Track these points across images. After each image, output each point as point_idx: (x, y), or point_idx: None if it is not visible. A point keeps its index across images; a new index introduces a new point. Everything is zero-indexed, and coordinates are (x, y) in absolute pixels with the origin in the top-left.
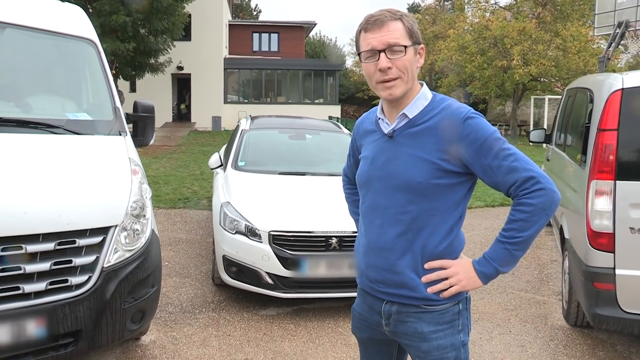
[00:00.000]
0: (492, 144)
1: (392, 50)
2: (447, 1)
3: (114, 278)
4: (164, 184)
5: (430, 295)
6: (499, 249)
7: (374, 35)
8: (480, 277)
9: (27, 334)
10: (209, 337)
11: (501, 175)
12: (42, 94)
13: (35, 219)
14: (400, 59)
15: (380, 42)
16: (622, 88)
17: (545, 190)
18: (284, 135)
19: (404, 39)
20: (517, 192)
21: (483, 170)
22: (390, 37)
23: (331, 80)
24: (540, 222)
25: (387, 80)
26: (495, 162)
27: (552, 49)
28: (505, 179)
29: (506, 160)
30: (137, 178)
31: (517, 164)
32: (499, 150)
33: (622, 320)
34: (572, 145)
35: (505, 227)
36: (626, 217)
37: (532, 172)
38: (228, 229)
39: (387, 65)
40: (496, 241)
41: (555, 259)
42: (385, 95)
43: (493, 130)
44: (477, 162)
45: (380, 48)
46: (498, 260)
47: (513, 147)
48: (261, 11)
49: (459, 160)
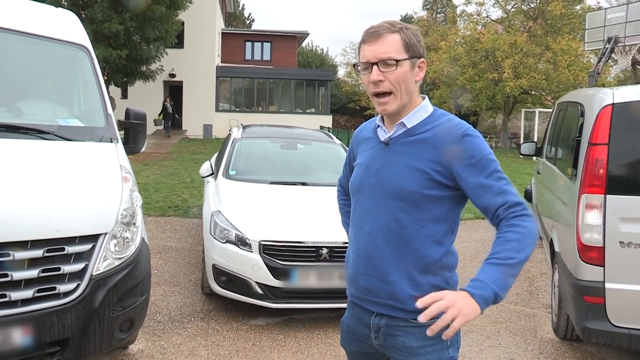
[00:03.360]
0: (487, 164)
1: (385, 64)
2: (439, 13)
3: (103, 286)
4: (154, 192)
5: (419, 309)
6: (495, 271)
7: (369, 48)
8: (479, 303)
9: (12, 342)
10: (198, 346)
11: (491, 195)
12: (33, 99)
13: (24, 225)
14: (392, 73)
15: (373, 55)
16: (613, 103)
17: (532, 218)
18: (276, 144)
19: (398, 53)
20: (507, 214)
21: (473, 188)
22: (384, 50)
23: (323, 90)
24: (530, 247)
25: (379, 93)
26: (488, 182)
27: (543, 63)
28: (494, 200)
29: (499, 182)
30: (128, 185)
31: (508, 188)
32: (493, 170)
33: (612, 334)
34: (563, 158)
35: (498, 249)
36: (616, 231)
37: (521, 199)
38: (218, 238)
39: (378, 78)
40: (488, 264)
41: (545, 271)
42: (379, 110)
43: (490, 152)
44: (468, 178)
45: (373, 61)
46: (495, 283)
47: (503, 172)
48: (254, 20)
49: (451, 173)
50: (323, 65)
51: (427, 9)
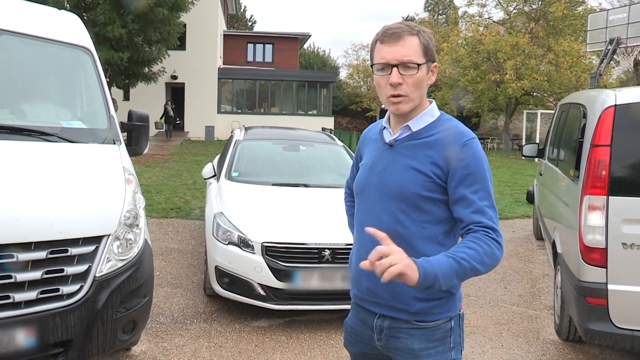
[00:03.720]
0: (478, 180)
1: (405, 67)
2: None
3: (106, 288)
4: (156, 193)
5: (422, 309)
6: (445, 262)
7: (389, 49)
8: (419, 272)
9: (16, 344)
10: (200, 348)
11: (470, 210)
12: (36, 101)
13: (28, 227)
14: (412, 76)
15: (394, 57)
16: (615, 104)
17: (500, 247)
18: (278, 146)
19: (418, 57)
20: (478, 229)
21: (456, 198)
22: (405, 53)
23: (325, 91)
24: (486, 266)
25: (395, 95)
26: (472, 197)
27: (545, 64)
28: (470, 216)
29: (481, 202)
30: (131, 187)
31: (488, 211)
32: (481, 188)
33: (614, 336)
34: (565, 160)
35: (457, 249)
36: (619, 233)
37: (497, 226)
38: (221, 240)
39: (398, 81)
40: (443, 255)
41: (547, 273)
42: (393, 109)
43: (485, 168)
44: (456, 187)
45: (393, 63)
46: (440, 268)
47: (492, 193)
48: (256, 22)
49: (446, 177)
50: (325, 67)
51: (429, 11)
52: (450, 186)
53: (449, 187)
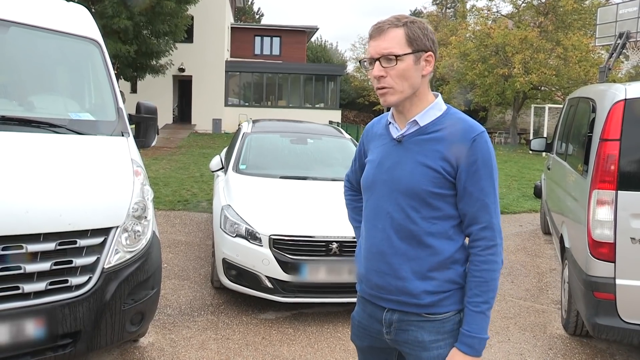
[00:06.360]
0: (484, 175)
1: (386, 59)
2: (449, 9)
3: (114, 279)
4: (163, 186)
5: (432, 302)
6: (473, 316)
7: (373, 43)
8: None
9: (25, 334)
10: (208, 340)
11: (473, 208)
12: (45, 93)
13: (37, 219)
14: (393, 68)
15: (375, 50)
16: (625, 98)
17: (498, 251)
18: (286, 139)
19: (401, 48)
20: (478, 240)
21: (462, 191)
22: (385, 46)
23: (332, 85)
24: (495, 280)
25: (380, 87)
26: (475, 194)
27: (553, 58)
28: (474, 214)
29: (486, 198)
30: (139, 179)
31: (491, 206)
32: (486, 183)
33: (622, 330)
34: (574, 154)
35: (474, 292)
36: (627, 227)
37: (497, 224)
38: (228, 232)
39: (380, 74)
40: (470, 312)
41: (555, 267)
42: (381, 102)
43: (492, 164)
44: (462, 180)
45: (375, 57)
46: (478, 329)
47: (496, 189)
48: (263, 15)
49: (455, 173)
50: (332, 60)
51: (437, 4)
52: (458, 181)
53: (457, 182)
